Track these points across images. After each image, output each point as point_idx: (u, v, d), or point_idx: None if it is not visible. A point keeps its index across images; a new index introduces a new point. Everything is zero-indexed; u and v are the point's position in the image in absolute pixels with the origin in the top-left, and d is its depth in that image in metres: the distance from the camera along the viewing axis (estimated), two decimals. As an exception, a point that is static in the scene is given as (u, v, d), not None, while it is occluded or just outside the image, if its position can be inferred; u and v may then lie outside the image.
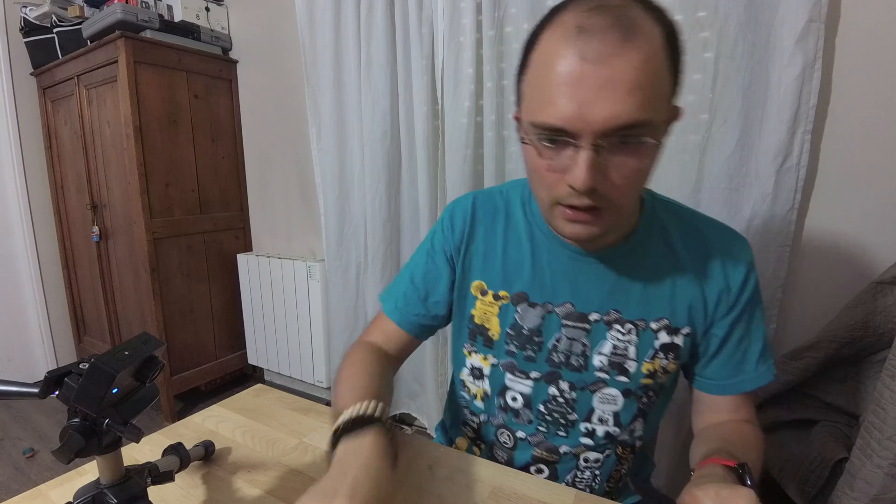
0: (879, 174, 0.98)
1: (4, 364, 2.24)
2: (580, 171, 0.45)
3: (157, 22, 1.81)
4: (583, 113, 0.43)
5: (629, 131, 0.44)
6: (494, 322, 0.65)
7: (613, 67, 0.42)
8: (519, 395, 0.65)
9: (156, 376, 0.44)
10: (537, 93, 0.47)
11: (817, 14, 0.93)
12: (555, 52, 0.45)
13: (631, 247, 0.60)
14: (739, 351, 0.61)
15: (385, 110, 1.55)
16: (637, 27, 0.43)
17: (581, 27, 0.43)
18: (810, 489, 0.94)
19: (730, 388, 0.61)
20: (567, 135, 0.45)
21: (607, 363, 0.61)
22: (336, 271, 1.80)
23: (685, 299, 0.60)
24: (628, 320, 0.60)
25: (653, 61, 0.43)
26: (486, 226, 0.66)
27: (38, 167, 2.27)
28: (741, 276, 0.59)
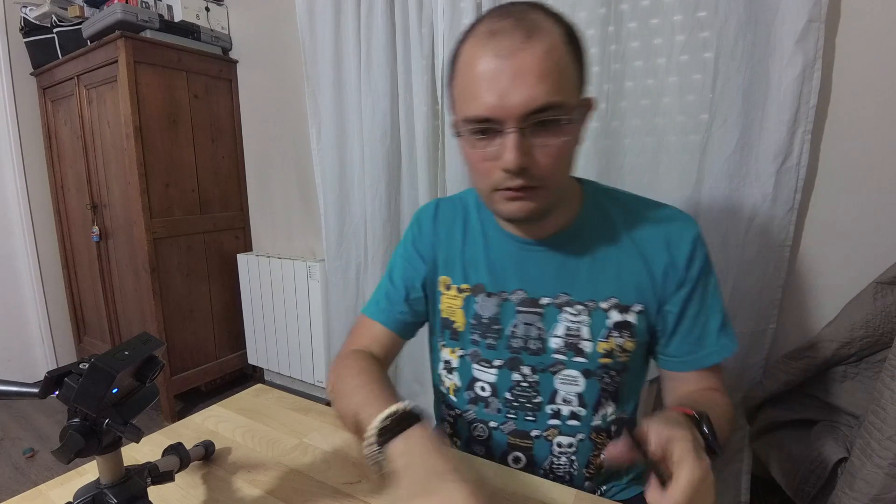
0: (879, 174, 0.98)
1: (4, 364, 2.24)
2: (509, 153, 0.51)
3: (157, 22, 1.81)
4: (503, 101, 0.50)
5: (545, 113, 0.51)
6: (459, 314, 0.69)
7: (522, 59, 0.50)
8: (487, 384, 0.69)
9: (156, 376, 0.44)
10: (464, 92, 0.54)
11: (817, 14, 0.93)
12: (474, 55, 0.53)
13: (573, 232, 0.64)
14: (698, 325, 0.63)
15: (385, 110, 1.55)
16: (538, 26, 0.51)
17: (492, 31, 0.51)
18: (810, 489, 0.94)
19: (693, 363, 0.64)
20: (493, 122, 0.52)
21: (563, 344, 0.64)
22: (336, 271, 1.80)
23: (632, 277, 0.63)
24: (578, 301, 0.63)
25: (555, 52, 0.51)
26: (447, 227, 0.72)
27: (38, 167, 2.27)
28: (686, 251, 0.62)
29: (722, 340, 0.63)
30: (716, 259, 1.09)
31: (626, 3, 1.13)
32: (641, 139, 1.17)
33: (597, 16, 1.15)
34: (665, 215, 0.65)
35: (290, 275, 1.95)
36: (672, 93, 1.12)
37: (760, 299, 1.10)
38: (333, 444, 0.66)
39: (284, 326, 2.02)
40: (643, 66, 1.14)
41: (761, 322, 1.11)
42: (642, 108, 1.16)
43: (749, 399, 1.13)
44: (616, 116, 1.19)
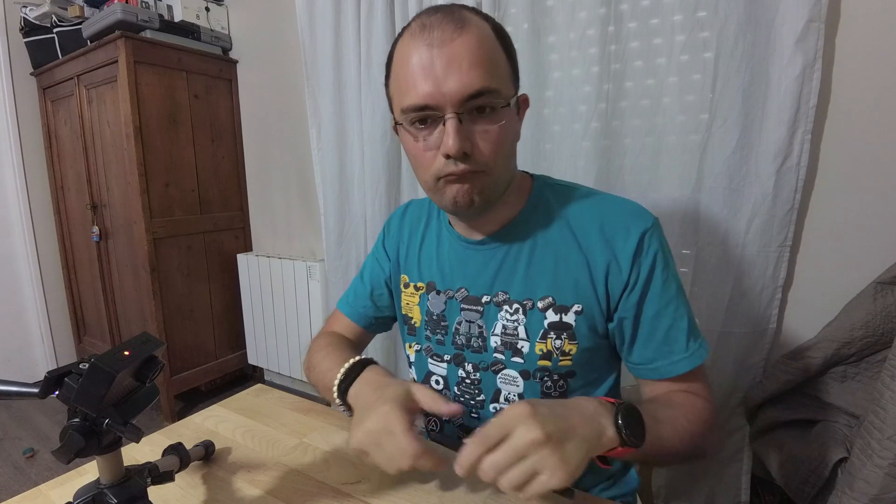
0: (879, 174, 0.98)
1: (4, 364, 2.24)
2: (450, 138, 0.52)
3: (157, 22, 1.81)
4: (439, 88, 0.51)
5: (481, 98, 0.52)
6: (416, 311, 0.72)
7: (455, 48, 0.51)
8: (440, 377, 0.71)
9: (156, 376, 0.44)
10: (401, 85, 0.55)
11: (817, 14, 0.93)
12: (407, 49, 0.54)
13: (514, 227, 0.64)
14: (660, 329, 0.58)
15: (385, 110, 1.54)
16: (466, 19, 0.53)
17: (423, 25, 0.53)
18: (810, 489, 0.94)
19: (662, 370, 0.59)
20: (431, 110, 0.53)
21: (500, 343, 0.64)
22: (336, 271, 1.80)
23: (569, 276, 0.60)
24: (515, 300, 0.63)
25: (486, 43, 0.53)
26: (411, 228, 0.75)
27: (38, 167, 2.27)
28: (631, 248, 0.57)
29: (692, 347, 0.58)
30: (716, 259, 1.11)
31: (626, 3, 1.13)
32: (641, 139, 1.17)
33: (597, 16, 1.15)
34: (610, 209, 0.61)
35: (290, 275, 1.95)
36: (672, 93, 1.12)
37: (760, 299, 1.10)
38: (333, 444, 0.66)
39: (284, 326, 2.02)
40: (643, 66, 1.14)
41: (761, 322, 1.11)
42: (642, 108, 1.16)
43: (749, 399, 1.13)
44: (616, 116, 1.19)
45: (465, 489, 0.56)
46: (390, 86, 0.59)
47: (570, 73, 1.20)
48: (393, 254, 0.76)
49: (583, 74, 1.19)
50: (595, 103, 1.18)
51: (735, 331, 1.12)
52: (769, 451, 1.06)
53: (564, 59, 1.21)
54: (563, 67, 1.22)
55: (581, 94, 1.20)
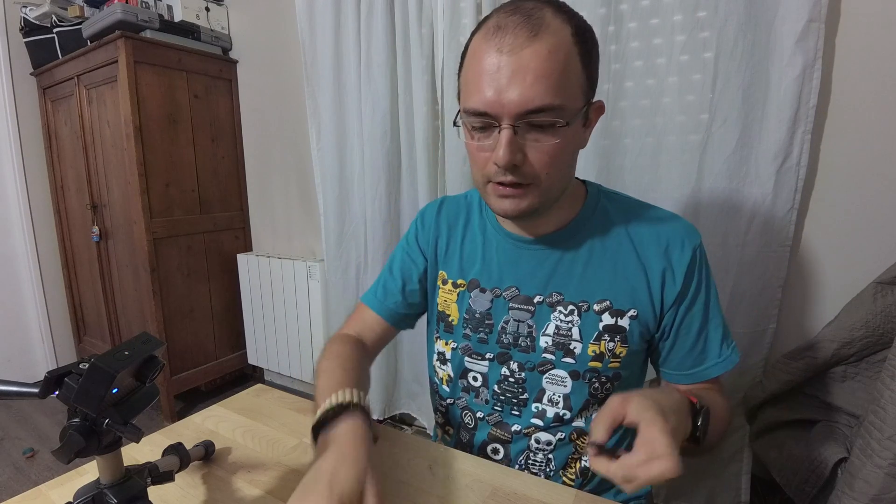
0: (879, 174, 0.98)
1: (4, 364, 2.23)
2: (500, 149, 0.52)
3: (157, 22, 1.81)
4: (500, 98, 0.50)
5: (541, 116, 0.51)
6: (454, 308, 0.71)
7: (523, 57, 0.49)
8: (479, 374, 0.70)
9: (156, 376, 0.44)
10: (468, 83, 0.55)
11: (817, 14, 0.93)
12: (479, 48, 0.53)
13: (571, 231, 0.64)
14: (701, 340, 0.63)
15: (385, 110, 1.55)
16: (545, 24, 0.50)
17: (499, 26, 0.51)
18: (810, 489, 0.94)
19: (696, 376, 0.63)
20: (489, 118, 0.52)
21: (552, 344, 0.64)
22: (336, 271, 1.80)
23: (627, 281, 0.62)
24: (570, 302, 0.63)
25: (560, 52, 0.50)
26: (449, 224, 0.74)
27: (38, 167, 2.27)
28: (686, 261, 0.61)
29: (724, 353, 0.63)
30: (716, 259, 1.10)
31: (626, 3, 1.13)
32: (641, 139, 1.17)
33: (597, 16, 1.15)
34: (667, 222, 0.64)
35: (290, 275, 1.95)
36: (672, 93, 1.11)
37: (760, 299, 1.10)
38: (333, 444, 0.66)
39: (284, 326, 2.02)
40: (643, 66, 1.14)
41: (761, 322, 1.11)
42: (642, 108, 1.16)
43: (749, 399, 1.13)
44: (616, 116, 1.19)
45: (465, 490, 0.56)
46: (461, 78, 0.58)
47: (570, 73, 1.20)
48: (429, 249, 0.74)
49: (583, 74, 1.19)
50: (595, 103, 1.18)
51: (735, 331, 1.11)
52: (769, 451, 1.06)
53: (564, 59, 1.21)
54: (563, 67, 1.22)
55: (581, 94, 1.20)
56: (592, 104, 0.57)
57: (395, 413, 1.84)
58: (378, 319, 0.75)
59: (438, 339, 0.74)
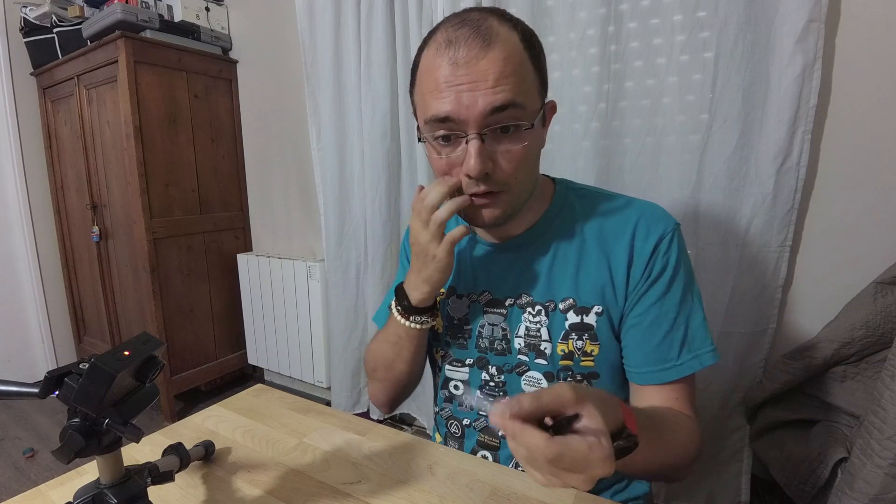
0: (879, 174, 0.98)
1: (4, 364, 2.23)
2: (471, 159, 0.52)
3: (157, 22, 1.81)
4: (463, 102, 0.51)
5: (506, 113, 0.51)
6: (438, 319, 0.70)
7: (480, 68, 0.50)
8: (459, 382, 0.71)
9: (156, 376, 0.44)
10: (424, 97, 0.55)
11: (817, 14, 0.93)
12: (432, 62, 0.53)
13: (537, 231, 0.64)
14: (656, 334, 0.58)
15: (385, 110, 1.55)
16: (494, 33, 0.51)
17: (449, 40, 0.52)
18: (810, 489, 0.94)
19: (651, 376, 0.58)
20: (454, 125, 0.52)
21: (524, 345, 0.64)
22: (336, 271, 1.80)
23: (591, 277, 0.61)
24: (538, 302, 0.63)
25: (513, 58, 0.51)
26: None
27: (38, 167, 2.27)
28: (650, 248, 0.58)
29: (685, 355, 0.57)
30: (716, 259, 1.10)
31: (626, 3, 1.13)
32: (641, 139, 1.17)
33: (597, 16, 1.15)
34: (634, 212, 0.61)
35: (290, 275, 1.95)
36: (672, 93, 1.12)
37: (760, 299, 1.10)
38: (333, 444, 0.66)
39: (284, 326, 2.02)
40: (643, 66, 1.14)
41: (761, 322, 1.11)
42: (642, 108, 1.16)
43: (749, 399, 1.13)
44: (616, 116, 1.19)
45: (465, 490, 0.56)
46: (415, 95, 0.59)
47: (571, 73, 1.20)
48: None
49: (583, 74, 1.19)
50: (595, 103, 1.18)
51: (735, 331, 1.12)
52: (769, 451, 1.06)
53: (564, 59, 1.21)
54: (563, 67, 1.22)
55: (581, 94, 1.20)
56: (546, 104, 0.59)
57: (395, 413, 1.84)
58: None
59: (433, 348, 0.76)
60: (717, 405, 1.17)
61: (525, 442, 0.35)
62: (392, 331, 0.66)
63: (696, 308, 0.60)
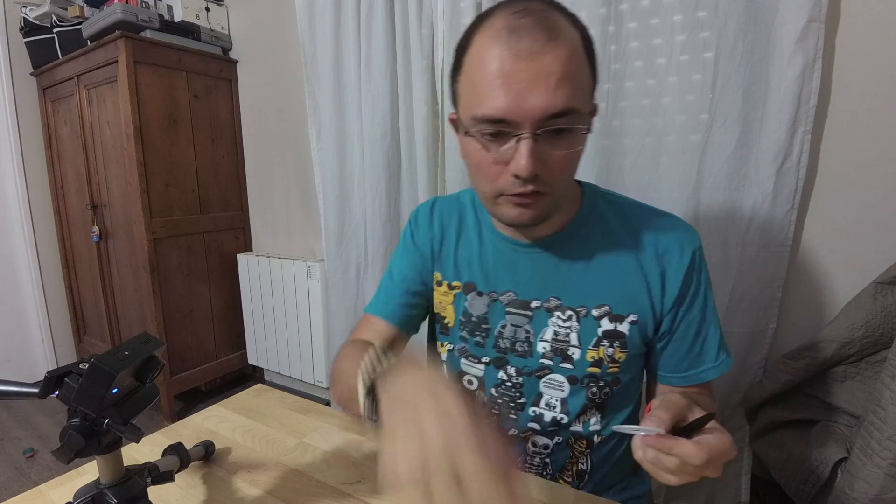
0: (879, 174, 0.98)
1: (4, 364, 2.23)
2: (523, 160, 0.48)
3: (157, 22, 1.81)
4: (520, 103, 0.47)
5: (562, 119, 0.48)
6: (450, 310, 0.69)
7: (543, 62, 0.47)
8: (474, 378, 0.69)
9: (156, 376, 0.44)
10: (475, 89, 0.51)
11: (817, 14, 0.93)
12: (488, 51, 0.49)
13: (568, 235, 0.63)
14: (697, 344, 0.62)
15: (385, 110, 1.55)
16: (559, 28, 0.48)
17: (511, 28, 0.48)
18: (810, 489, 0.94)
19: (691, 378, 0.63)
20: (507, 125, 0.49)
21: (550, 349, 0.63)
22: (336, 271, 1.80)
23: (626, 286, 0.61)
24: (568, 307, 0.62)
25: (575, 57, 0.49)
26: (443, 225, 0.71)
27: (38, 167, 2.27)
28: (686, 264, 0.60)
29: (720, 357, 0.63)
30: (716, 259, 1.10)
31: (626, 3, 1.13)
32: (641, 139, 1.17)
33: (597, 16, 1.15)
34: (666, 224, 0.63)
35: (290, 275, 1.95)
36: (672, 93, 1.11)
37: (760, 299, 1.10)
38: (333, 444, 0.66)
39: (284, 326, 2.02)
40: (643, 66, 1.14)
41: (761, 322, 1.11)
42: (642, 108, 1.16)
43: (749, 399, 1.13)
44: (616, 116, 1.19)
45: (465, 489, 0.56)
46: (460, 83, 0.54)
47: (570, 73, 1.20)
48: (426, 250, 0.71)
49: (583, 74, 1.19)
50: (595, 103, 1.18)
51: (735, 331, 1.12)
52: (769, 451, 1.06)
53: (564, 59, 1.21)
54: (563, 67, 1.22)
55: (581, 94, 1.20)
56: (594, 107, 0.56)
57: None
58: (384, 325, 0.71)
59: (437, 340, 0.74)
60: (718, 405, 1.17)
61: (679, 452, 0.40)
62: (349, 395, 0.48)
63: (716, 316, 0.63)
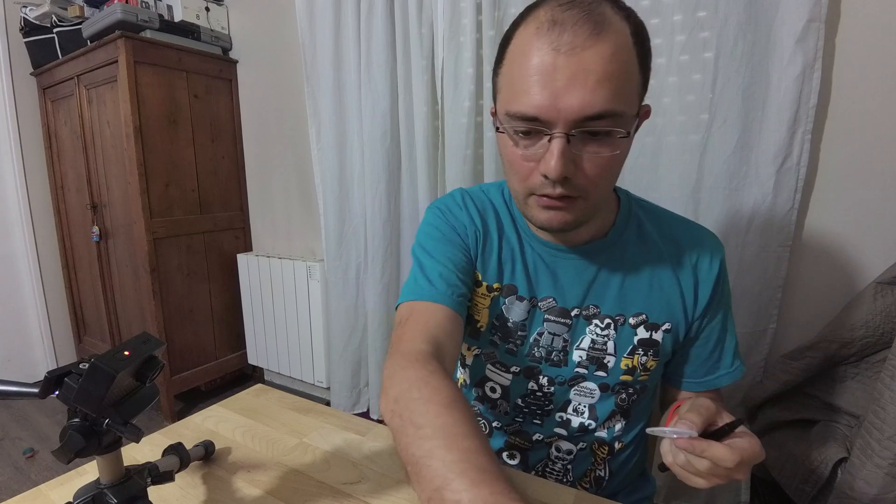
0: (879, 174, 0.98)
1: (4, 364, 2.23)
2: (553, 160, 0.46)
3: (157, 22, 1.81)
4: (556, 102, 0.45)
5: (599, 122, 0.45)
6: (485, 313, 0.64)
7: (584, 58, 0.44)
8: (498, 386, 0.66)
9: (156, 376, 0.44)
10: (512, 83, 0.48)
11: (817, 14, 0.93)
12: (529, 44, 0.46)
13: (609, 242, 0.61)
14: (717, 350, 0.63)
15: (385, 110, 1.55)
16: (607, 22, 0.44)
17: (554, 21, 0.45)
18: (810, 489, 0.94)
19: (707, 384, 0.64)
20: (540, 123, 0.46)
21: (586, 357, 0.62)
22: (336, 271, 1.80)
23: (663, 294, 0.61)
24: (607, 315, 0.61)
25: (621, 54, 0.45)
26: (483, 220, 0.64)
27: (38, 167, 2.27)
28: (715, 275, 0.61)
29: (735, 363, 0.64)
30: (716, 259, 1.10)
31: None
32: (641, 139, 1.17)
33: (597, 16, 1.14)
34: (698, 234, 0.64)
35: (290, 275, 1.95)
36: (672, 93, 1.12)
37: (760, 299, 1.10)
38: (333, 444, 0.66)
39: (284, 326, 2.02)
40: (643, 66, 1.14)
41: (761, 322, 1.11)
42: (642, 108, 1.16)
43: (749, 399, 1.13)
44: (616, 116, 1.19)
45: (465, 489, 0.56)
46: (500, 75, 0.51)
47: (570, 73, 1.20)
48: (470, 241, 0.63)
49: (583, 74, 1.19)
50: (595, 103, 1.18)
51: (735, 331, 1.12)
52: (769, 451, 1.05)
53: (564, 59, 1.21)
54: (563, 67, 1.22)
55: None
56: (643, 108, 0.51)
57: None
58: (446, 312, 0.56)
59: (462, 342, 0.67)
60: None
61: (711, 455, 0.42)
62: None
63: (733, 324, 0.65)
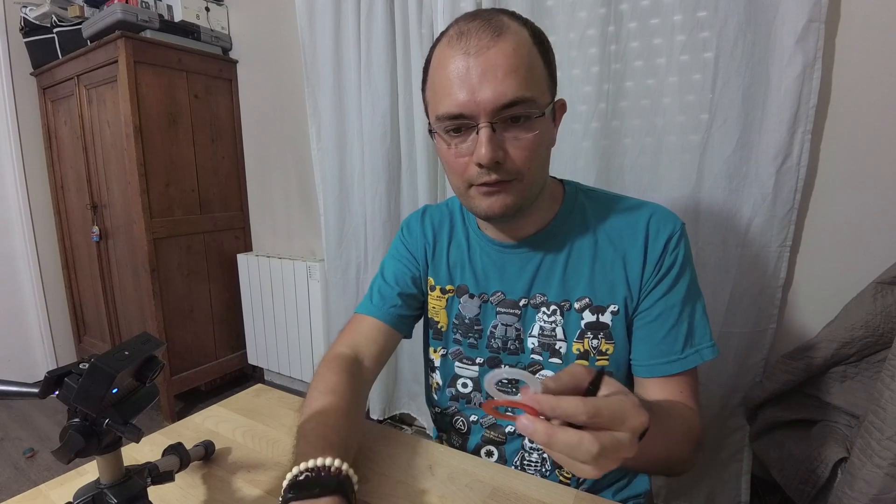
0: (879, 174, 0.98)
1: (4, 364, 2.23)
2: (483, 147, 0.52)
3: (157, 22, 1.81)
4: (474, 97, 0.52)
5: (515, 108, 0.52)
6: (443, 315, 0.72)
7: (490, 56, 0.51)
8: (469, 380, 0.71)
9: (156, 376, 0.44)
10: (436, 91, 0.56)
11: (817, 14, 0.93)
12: (444, 55, 0.55)
13: (551, 231, 0.65)
14: (661, 329, 0.60)
15: (385, 110, 1.55)
16: (505, 26, 0.53)
17: (461, 32, 0.53)
18: (810, 489, 0.94)
19: (654, 369, 0.60)
20: (465, 118, 0.53)
21: (538, 344, 0.65)
22: (336, 271, 1.80)
23: (607, 276, 0.62)
24: (553, 302, 0.64)
25: (522, 49, 0.53)
26: (434, 231, 0.74)
27: (38, 167, 2.27)
28: (660, 248, 0.60)
29: (688, 349, 0.59)
30: (716, 259, 1.11)
31: (626, 3, 1.13)
32: (641, 139, 1.17)
33: (597, 16, 1.15)
34: (642, 211, 0.63)
35: (290, 275, 1.95)
36: (672, 93, 1.12)
37: (760, 299, 1.10)
38: (333, 444, 0.66)
39: (284, 326, 2.02)
40: (643, 66, 1.14)
41: (761, 322, 1.11)
42: (642, 108, 1.16)
43: (749, 399, 1.13)
44: (616, 116, 1.19)
45: (465, 490, 0.56)
46: (426, 91, 0.60)
47: (570, 73, 1.20)
48: (419, 255, 0.74)
49: (583, 74, 1.19)
50: (595, 103, 1.18)
51: (735, 331, 1.12)
52: (769, 451, 1.06)
53: (564, 59, 1.21)
54: (563, 67, 1.22)
55: (581, 94, 1.20)
56: (556, 102, 0.59)
57: (395, 413, 1.84)
58: (379, 326, 0.70)
59: (429, 346, 0.75)
60: (718, 405, 1.17)
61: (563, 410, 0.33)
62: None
63: (699, 304, 0.62)
